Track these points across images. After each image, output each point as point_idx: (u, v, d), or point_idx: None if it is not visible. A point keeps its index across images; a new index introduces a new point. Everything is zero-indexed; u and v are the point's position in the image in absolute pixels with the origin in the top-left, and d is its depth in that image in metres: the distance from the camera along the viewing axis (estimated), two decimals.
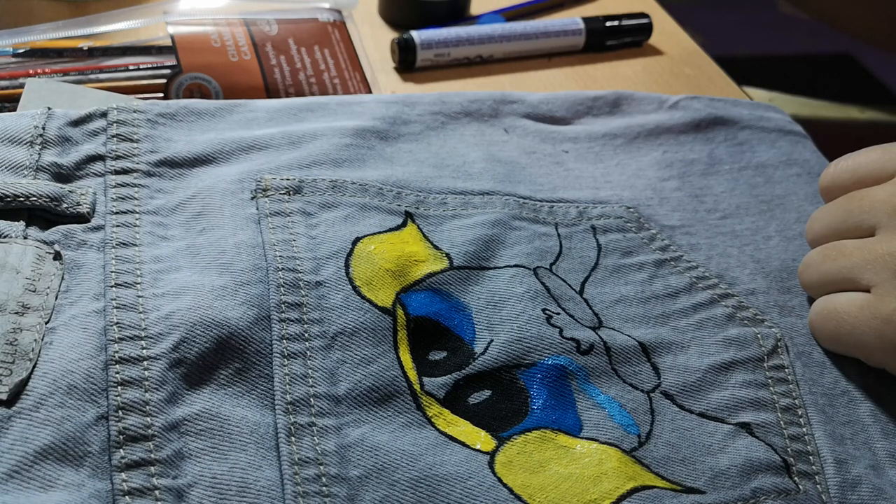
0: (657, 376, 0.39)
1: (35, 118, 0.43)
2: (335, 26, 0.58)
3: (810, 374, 0.40)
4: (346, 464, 0.33)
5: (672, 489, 0.35)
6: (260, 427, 0.34)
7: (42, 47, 0.54)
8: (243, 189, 0.42)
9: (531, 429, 0.36)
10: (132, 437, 0.32)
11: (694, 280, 0.43)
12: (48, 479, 0.30)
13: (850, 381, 0.40)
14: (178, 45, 0.53)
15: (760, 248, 0.46)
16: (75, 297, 0.36)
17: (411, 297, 0.39)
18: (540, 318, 0.39)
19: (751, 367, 0.39)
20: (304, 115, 0.48)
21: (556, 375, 0.38)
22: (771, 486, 0.35)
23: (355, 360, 0.36)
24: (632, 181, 0.48)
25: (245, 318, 0.37)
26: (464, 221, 0.44)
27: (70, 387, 0.33)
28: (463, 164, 0.47)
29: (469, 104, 0.51)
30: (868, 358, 0.40)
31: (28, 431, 0.31)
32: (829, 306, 0.41)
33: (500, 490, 0.34)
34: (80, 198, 0.40)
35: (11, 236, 0.37)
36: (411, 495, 0.33)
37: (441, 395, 0.37)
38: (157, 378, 0.34)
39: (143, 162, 0.43)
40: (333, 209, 0.42)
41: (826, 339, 0.41)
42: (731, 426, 0.37)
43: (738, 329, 0.41)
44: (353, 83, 0.56)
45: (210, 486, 0.32)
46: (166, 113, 0.45)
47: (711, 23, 1.04)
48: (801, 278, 0.43)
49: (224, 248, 0.39)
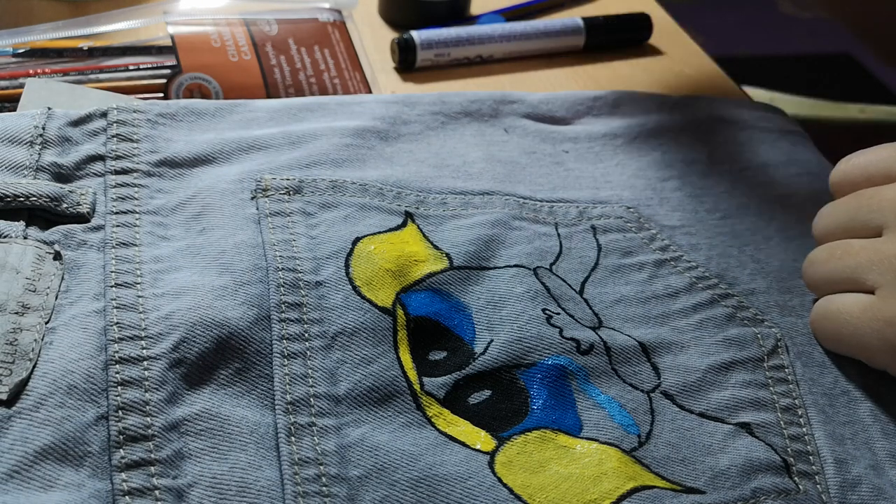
0: (657, 376, 0.39)
1: (35, 118, 0.43)
2: (335, 26, 0.58)
3: (810, 374, 0.40)
4: (346, 464, 0.33)
5: (672, 489, 0.35)
6: (260, 427, 0.34)
7: (42, 47, 0.54)
8: (243, 189, 0.42)
9: (531, 429, 0.36)
10: (132, 437, 0.32)
11: (694, 280, 0.43)
12: (48, 479, 0.30)
13: (850, 381, 0.40)
14: (178, 45, 0.53)
15: (761, 248, 0.46)
16: (75, 297, 0.36)
17: (411, 297, 0.39)
18: (540, 318, 0.39)
19: (751, 367, 0.39)
20: (304, 115, 0.48)
21: (556, 375, 0.38)
22: (771, 486, 0.35)
23: (355, 360, 0.36)
24: (632, 181, 0.48)
25: (245, 318, 0.37)
26: (464, 221, 0.44)
27: (70, 387, 0.33)
28: (463, 164, 0.47)
29: (469, 104, 0.51)
30: (870, 360, 0.39)
31: (28, 431, 0.31)
32: (832, 307, 0.40)
33: (500, 490, 0.34)
34: (80, 198, 0.40)
35: (11, 236, 0.37)
36: (411, 495, 0.33)
37: (441, 395, 0.37)
38: (157, 378, 0.34)
39: (143, 162, 0.43)
40: (333, 209, 0.42)
41: (827, 339, 0.41)
42: (731, 426, 0.37)
43: (738, 329, 0.41)
44: (353, 83, 0.56)
45: (210, 486, 0.32)
46: (166, 113, 0.45)
47: (711, 23, 1.04)
48: (805, 275, 0.43)
49: (224, 248, 0.39)
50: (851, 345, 0.40)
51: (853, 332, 0.39)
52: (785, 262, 0.45)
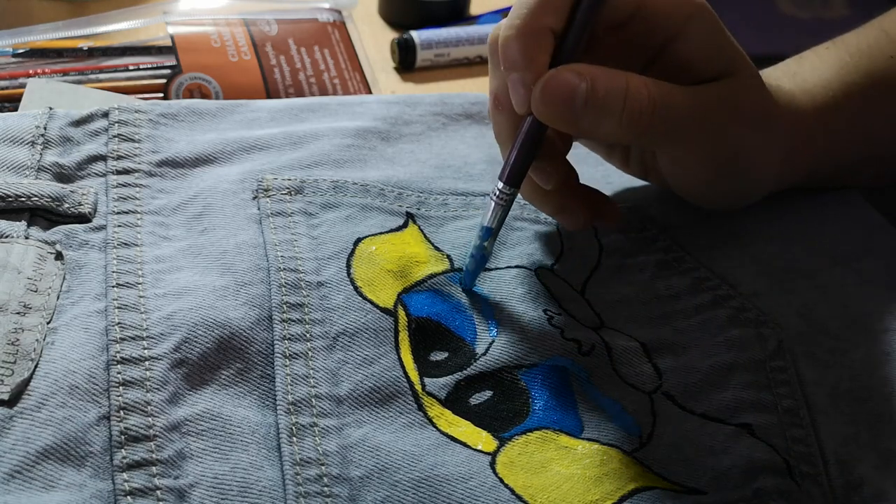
0: (658, 377, 0.39)
1: (36, 118, 0.43)
2: (335, 26, 0.58)
3: (812, 375, 0.40)
4: (348, 464, 0.33)
5: (673, 490, 0.35)
6: (261, 427, 0.34)
7: (42, 47, 0.54)
8: (245, 189, 0.42)
9: (532, 429, 0.36)
10: (134, 437, 0.32)
11: (696, 281, 0.43)
12: (50, 479, 0.30)
13: (853, 382, 0.40)
14: (177, 45, 0.53)
15: (763, 249, 0.45)
16: (77, 297, 0.36)
17: (412, 297, 0.39)
18: (541, 318, 0.39)
19: (753, 368, 0.39)
20: (305, 115, 0.48)
21: (557, 376, 0.38)
22: (772, 487, 0.35)
23: (357, 361, 0.36)
24: (633, 181, 0.48)
25: (247, 319, 0.37)
26: (465, 223, 0.44)
27: (72, 387, 0.33)
28: (464, 165, 0.47)
29: (470, 105, 0.51)
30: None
31: (30, 431, 0.31)
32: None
33: (502, 490, 0.34)
34: (81, 198, 0.40)
35: (13, 236, 0.37)
36: (413, 496, 0.33)
37: (442, 395, 0.37)
38: (159, 378, 0.34)
39: (144, 162, 0.43)
40: (335, 209, 0.42)
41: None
42: (733, 427, 0.37)
43: (740, 330, 0.41)
44: (352, 83, 0.56)
45: (212, 487, 0.32)
46: (168, 113, 0.45)
47: None
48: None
49: (226, 249, 0.39)
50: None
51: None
52: (788, 263, 0.45)
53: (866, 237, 0.47)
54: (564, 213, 0.42)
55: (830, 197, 0.48)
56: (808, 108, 0.44)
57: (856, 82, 0.45)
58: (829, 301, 0.43)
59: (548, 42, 0.37)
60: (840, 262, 0.45)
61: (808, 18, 1.07)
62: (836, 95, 0.45)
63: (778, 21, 1.06)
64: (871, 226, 0.48)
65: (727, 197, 0.44)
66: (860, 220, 0.48)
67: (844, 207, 0.48)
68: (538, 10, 0.36)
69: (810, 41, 0.49)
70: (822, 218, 0.47)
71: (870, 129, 0.46)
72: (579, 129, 0.38)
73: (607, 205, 0.43)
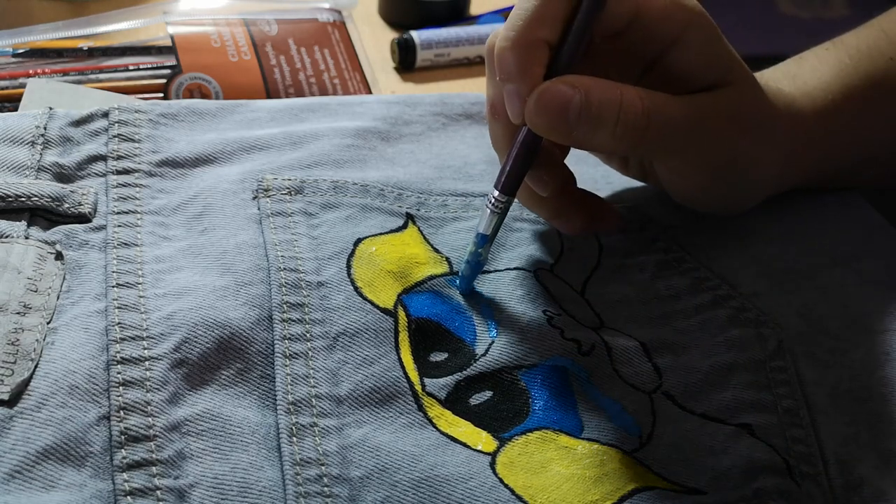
0: (658, 377, 0.39)
1: (36, 118, 0.43)
2: (335, 26, 0.58)
3: (812, 375, 0.40)
4: (348, 464, 0.33)
5: (673, 490, 0.35)
6: (261, 427, 0.34)
7: (42, 47, 0.54)
8: (245, 189, 0.42)
9: (532, 429, 0.36)
10: (134, 437, 0.32)
11: (696, 281, 0.43)
12: (50, 479, 0.30)
13: (853, 382, 0.40)
14: (177, 45, 0.53)
15: (763, 249, 0.45)
16: (77, 297, 0.36)
17: (412, 298, 0.39)
18: (541, 319, 0.39)
19: (753, 368, 0.39)
20: (305, 115, 0.48)
21: (557, 376, 0.38)
22: (772, 487, 0.35)
23: (357, 361, 0.36)
24: (633, 181, 0.48)
25: (247, 319, 0.37)
26: (464, 224, 0.44)
27: (72, 387, 0.33)
28: (464, 166, 0.47)
29: (470, 106, 0.51)
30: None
31: (30, 431, 0.31)
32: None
33: (502, 491, 0.34)
34: (81, 198, 0.40)
35: (13, 236, 0.37)
36: (413, 496, 0.33)
37: (442, 396, 0.37)
38: (159, 378, 0.34)
39: (144, 162, 0.43)
40: (335, 210, 0.42)
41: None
42: (733, 427, 0.37)
43: (740, 330, 0.41)
44: (352, 83, 0.56)
45: (212, 487, 0.32)
46: (168, 113, 0.45)
47: None
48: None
49: (226, 249, 0.39)
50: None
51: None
52: (788, 264, 0.45)
53: (866, 237, 0.47)
54: (561, 217, 0.42)
55: (830, 197, 0.48)
56: (807, 111, 0.44)
57: (855, 85, 0.45)
58: (829, 301, 0.43)
59: (542, 54, 0.37)
60: (840, 262, 0.45)
61: (808, 18, 1.07)
62: (836, 98, 0.45)
63: (778, 21, 1.06)
64: (871, 226, 0.48)
65: (726, 202, 0.44)
66: (860, 221, 0.48)
67: (844, 208, 0.48)
68: (533, 23, 0.36)
69: (810, 41, 0.49)
70: (823, 218, 0.47)
71: (869, 130, 0.46)
72: (573, 140, 0.38)
73: (605, 209, 0.43)
